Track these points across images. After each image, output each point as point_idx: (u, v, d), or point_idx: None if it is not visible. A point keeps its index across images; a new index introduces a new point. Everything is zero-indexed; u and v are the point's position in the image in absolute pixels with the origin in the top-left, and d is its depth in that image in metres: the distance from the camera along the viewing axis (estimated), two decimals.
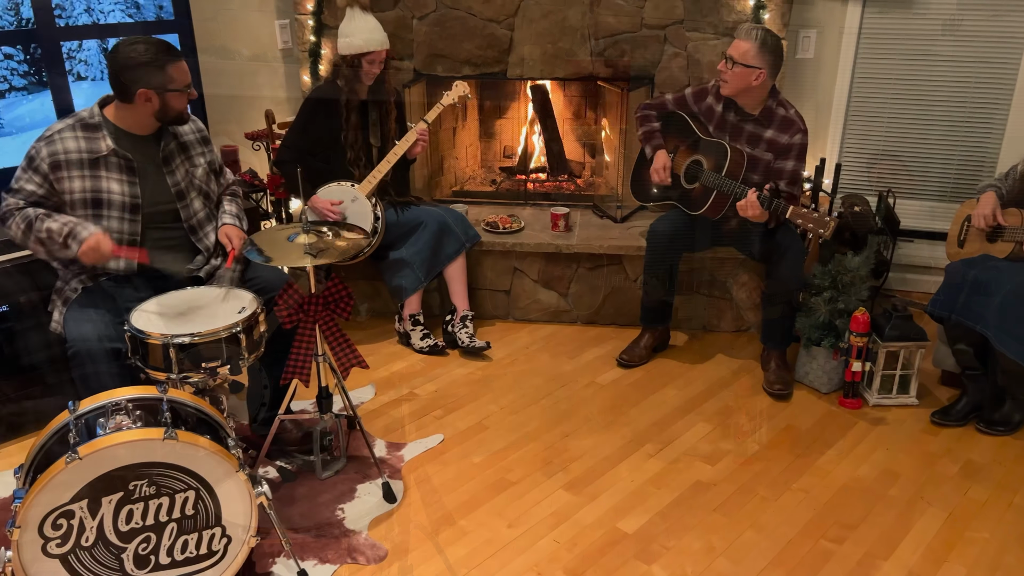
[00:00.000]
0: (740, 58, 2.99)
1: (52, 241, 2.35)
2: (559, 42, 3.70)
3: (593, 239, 3.64)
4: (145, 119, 2.41)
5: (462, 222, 3.56)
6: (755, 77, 3.01)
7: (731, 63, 3.01)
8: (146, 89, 2.34)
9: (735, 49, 3.00)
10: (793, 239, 3.03)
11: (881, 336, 3.00)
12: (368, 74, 3.31)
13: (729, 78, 3.05)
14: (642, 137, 3.40)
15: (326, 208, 3.33)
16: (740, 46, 2.98)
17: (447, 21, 3.73)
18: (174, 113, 2.42)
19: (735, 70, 3.01)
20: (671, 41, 3.65)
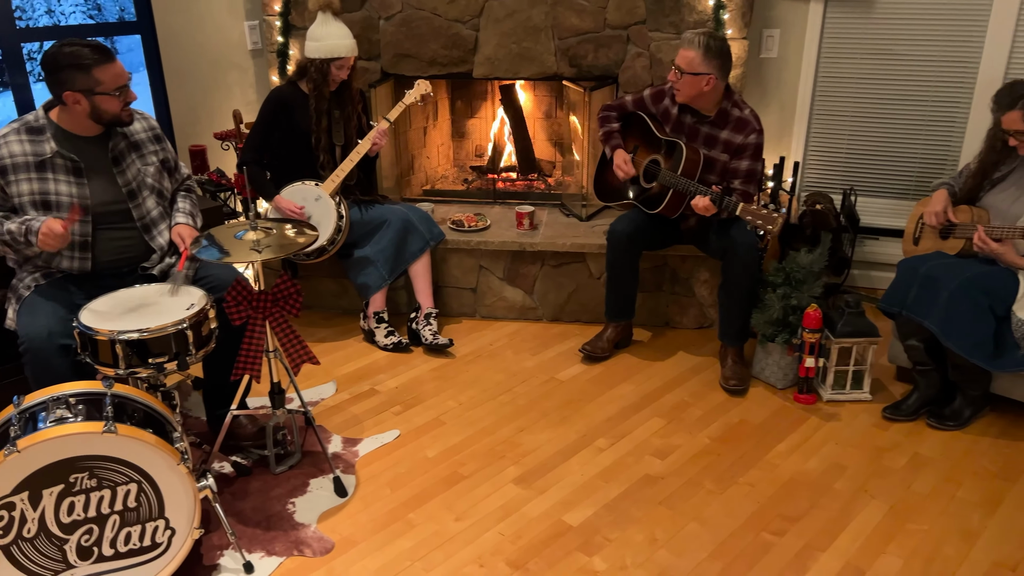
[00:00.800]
0: (687, 67, 3.02)
1: (16, 241, 2.39)
2: (523, 42, 3.74)
3: (557, 237, 3.68)
4: (83, 121, 2.44)
5: (426, 220, 3.60)
6: (705, 83, 3.05)
7: (680, 72, 3.04)
8: (72, 92, 2.36)
9: (681, 59, 3.03)
10: (746, 235, 3.07)
11: (834, 332, 3.04)
12: (335, 78, 3.35)
13: (680, 87, 3.08)
14: (602, 137, 3.43)
15: (290, 207, 3.37)
16: (685, 55, 3.01)
17: (413, 21, 3.77)
18: (107, 116, 2.43)
19: (684, 79, 3.04)
20: (634, 41, 3.69)
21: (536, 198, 4.18)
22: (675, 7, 3.59)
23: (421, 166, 4.36)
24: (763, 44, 3.87)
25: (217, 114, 3.92)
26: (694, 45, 2.98)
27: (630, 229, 3.26)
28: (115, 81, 2.40)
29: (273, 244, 2.40)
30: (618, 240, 3.27)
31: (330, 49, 3.29)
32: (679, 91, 3.09)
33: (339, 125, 3.50)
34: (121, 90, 2.42)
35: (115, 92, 2.41)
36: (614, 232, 3.29)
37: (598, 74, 3.76)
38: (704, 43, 2.99)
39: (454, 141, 4.58)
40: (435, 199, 4.21)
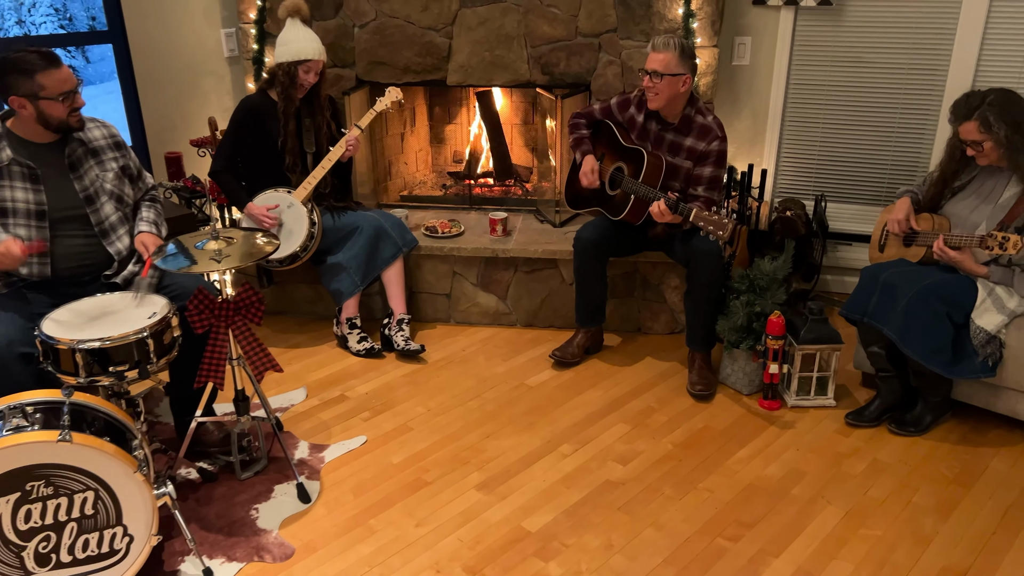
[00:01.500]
0: (665, 69, 3.05)
1: None
2: (496, 50, 3.77)
3: (530, 243, 3.71)
4: (34, 127, 2.47)
5: (399, 227, 3.63)
6: (682, 84, 3.09)
7: (657, 76, 3.06)
8: (17, 96, 2.39)
9: (656, 63, 3.05)
10: (708, 243, 3.10)
11: (797, 338, 3.07)
12: (304, 82, 3.38)
13: (659, 90, 3.10)
14: (572, 144, 3.47)
15: (261, 215, 3.40)
16: (661, 58, 3.04)
17: (387, 29, 3.80)
18: (54, 121, 2.46)
19: (664, 81, 3.06)
20: (605, 49, 3.72)
21: (513, 204, 4.21)
22: (646, 15, 3.62)
23: (399, 172, 4.39)
24: (735, 52, 3.90)
25: (194, 121, 3.96)
26: (670, 47, 3.02)
27: (595, 236, 3.29)
28: (59, 86, 2.43)
29: (234, 254, 2.43)
30: (584, 247, 3.30)
31: (296, 52, 3.33)
32: (657, 95, 3.11)
33: (310, 133, 3.53)
34: (66, 96, 2.44)
35: (60, 97, 2.43)
36: (580, 239, 3.32)
37: (571, 81, 3.80)
38: (679, 44, 3.03)
39: (432, 147, 4.62)
40: (412, 205, 4.25)
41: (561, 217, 3.91)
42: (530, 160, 4.53)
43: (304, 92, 3.42)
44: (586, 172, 3.33)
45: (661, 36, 3.06)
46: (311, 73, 3.37)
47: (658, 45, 3.04)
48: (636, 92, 3.33)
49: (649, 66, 3.07)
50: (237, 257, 2.40)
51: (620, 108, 3.37)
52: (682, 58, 3.05)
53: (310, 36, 3.37)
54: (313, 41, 3.37)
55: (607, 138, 3.41)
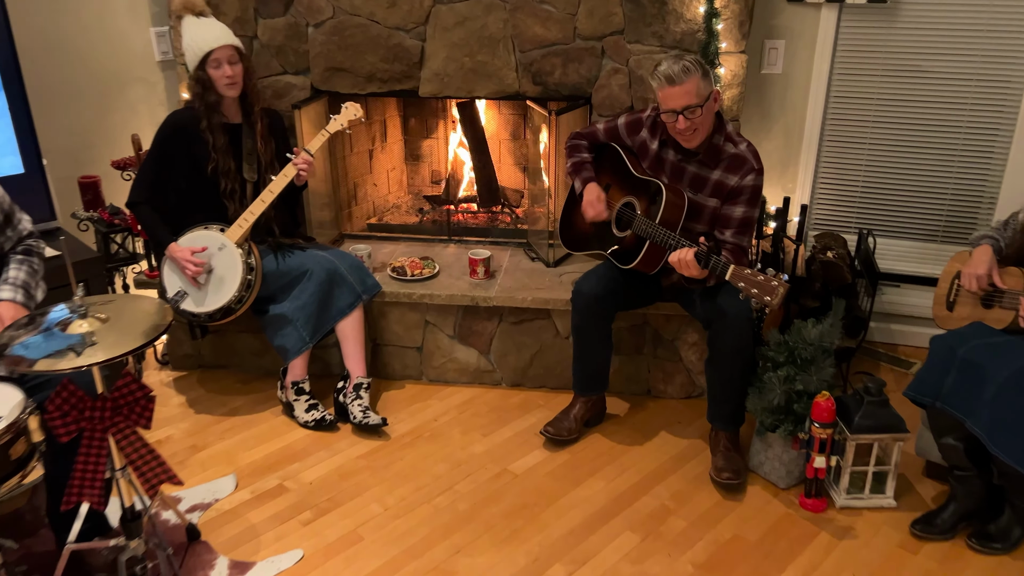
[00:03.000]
0: (699, 98, 2.42)
1: None
2: (478, 55, 3.12)
3: (517, 289, 3.07)
4: None
5: (358, 269, 3.00)
6: (716, 104, 2.49)
7: (693, 111, 2.43)
8: None
9: (685, 96, 2.41)
10: (737, 303, 2.47)
11: (850, 424, 2.43)
12: (221, 82, 2.74)
13: (699, 124, 2.47)
14: (570, 170, 2.84)
15: (185, 259, 2.77)
16: (689, 88, 2.40)
17: (346, 29, 3.16)
18: None
19: (702, 114, 2.43)
20: (610, 55, 3.07)
21: (499, 235, 3.58)
22: (659, 15, 2.97)
23: (367, 195, 3.76)
24: (765, 58, 3.25)
25: (118, 137, 3.32)
26: (691, 72, 2.40)
27: (599, 289, 2.65)
28: None
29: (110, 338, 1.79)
30: (586, 303, 2.67)
31: (196, 49, 2.73)
32: (696, 132, 2.48)
33: (251, 157, 2.89)
34: None
35: None
36: (581, 293, 2.68)
37: (567, 93, 3.16)
38: (695, 63, 2.41)
39: (407, 164, 3.98)
40: (381, 236, 3.61)
41: (556, 255, 3.28)
42: (520, 181, 3.89)
43: (233, 95, 2.78)
44: (591, 201, 2.69)
45: (668, 63, 2.42)
46: (223, 65, 2.73)
47: (676, 75, 2.39)
48: (649, 111, 2.69)
49: (676, 104, 2.42)
50: (111, 344, 1.76)
51: (629, 130, 2.73)
52: (705, 77, 2.43)
53: (206, 24, 2.76)
54: (211, 28, 2.75)
55: (613, 165, 2.77)
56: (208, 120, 2.78)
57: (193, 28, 2.75)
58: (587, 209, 2.71)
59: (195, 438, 2.87)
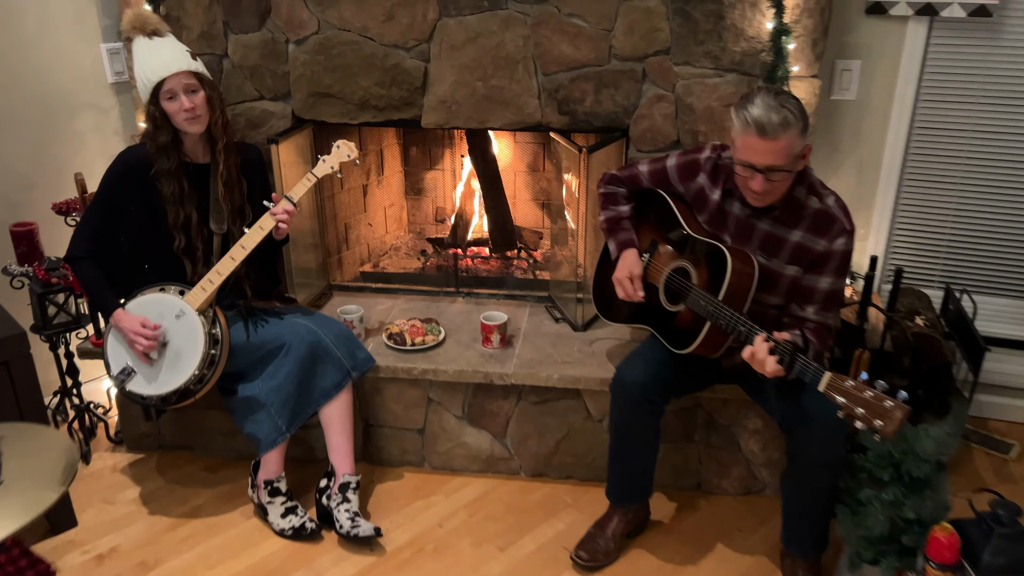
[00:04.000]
0: (787, 159, 1.88)
1: None
2: (493, 78, 2.59)
3: (539, 363, 2.53)
4: None
5: (346, 340, 2.47)
6: (804, 163, 1.94)
7: (778, 172, 1.89)
8: None
9: (776, 154, 1.86)
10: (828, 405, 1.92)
11: (976, 562, 1.89)
12: (180, 119, 2.22)
13: (777, 188, 1.94)
14: (604, 225, 2.30)
15: (134, 331, 2.24)
16: (784, 145, 1.85)
17: (335, 47, 2.62)
18: None
19: (778, 178, 1.90)
20: (653, 78, 2.54)
21: (515, 285, 3.04)
22: (714, 32, 2.44)
23: (360, 237, 3.22)
24: (836, 81, 2.71)
25: (62, 175, 2.78)
26: (790, 124, 1.84)
27: (647, 377, 2.11)
28: None
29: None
30: (629, 395, 2.12)
31: (145, 78, 2.23)
32: (769, 195, 1.94)
33: (218, 205, 2.36)
34: None
35: None
36: (623, 383, 2.14)
37: (600, 124, 2.62)
38: (796, 110, 1.86)
39: (407, 199, 3.44)
40: (377, 287, 3.07)
41: (586, 314, 2.74)
42: (538, 219, 3.36)
43: (195, 131, 2.25)
44: (621, 278, 2.16)
45: (763, 104, 1.83)
46: (180, 96, 2.20)
47: (771, 128, 1.82)
48: (708, 151, 2.16)
49: (760, 160, 1.88)
50: None
51: (682, 174, 2.20)
52: (803, 132, 1.89)
53: (157, 47, 2.24)
54: (161, 52, 2.23)
55: (661, 218, 2.24)
56: (159, 163, 2.25)
57: (142, 53, 2.23)
58: (619, 287, 2.18)
59: (146, 551, 2.34)
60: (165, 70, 2.18)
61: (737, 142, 1.91)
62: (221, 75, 2.69)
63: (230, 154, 2.36)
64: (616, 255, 2.22)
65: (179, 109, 2.21)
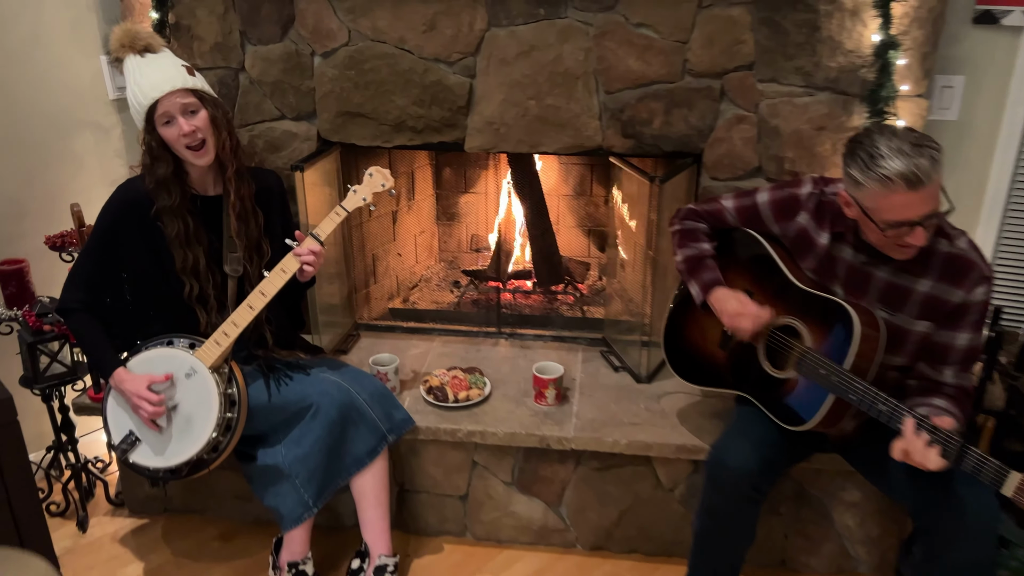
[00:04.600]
0: (937, 201, 1.57)
1: None
2: (548, 97, 2.27)
3: (603, 425, 2.21)
4: None
5: (382, 398, 2.15)
6: None
7: (930, 219, 1.57)
8: None
9: (928, 202, 1.55)
10: (978, 486, 1.60)
11: None
12: (180, 146, 1.91)
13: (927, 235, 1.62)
14: (683, 265, 1.97)
15: (138, 395, 1.92)
16: (932, 192, 1.54)
17: (367, 61, 2.30)
18: None
19: (933, 222, 1.59)
20: (732, 97, 2.22)
21: (563, 325, 2.72)
22: (807, 44, 2.12)
23: (389, 269, 2.90)
24: (936, 99, 2.38)
25: (56, 205, 2.47)
26: (937, 161, 1.54)
27: (755, 463, 1.77)
28: None
29: None
30: (734, 485, 1.78)
31: (137, 103, 1.92)
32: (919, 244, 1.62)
33: (232, 243, 2.05)
34: None
35: None
36: (725, 469, 1.79)
37: (670, 149, 2.30)
38: (933, 143, 1.55)
39: (439, 225, 3.12)
40: (407, 325, 2.75)
41: (651, 362, 2.41)
42: (583, 247, 3.04)
43: (203, 162, 1.94)
44: (742, 313, 1.82)
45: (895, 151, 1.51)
46: (177, 120, 1.89)
47: (924, 172, 1.50)
48: (810, 186, 1.84)
49: (916, 213, 1.55)
50: None
51: (779, 212, 1.88)
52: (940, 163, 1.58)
53: (147, 65, 1.92)
54: (151, 70, 1.91)
55: (752, 262, 1.93)
56: (161, 201, 1.94)
57: (133, 74, 1.92)
58: (738, 323, 1.83)
59: None
60: (156, 91, 1.87)
61: (875, 204, 1.58)
62: (237, 92, 2.38)
63: (242, 182, 2.04)
64: (703, 298, 1.90)
65: (178, 135, 1.89)
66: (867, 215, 1.61)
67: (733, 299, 1.84)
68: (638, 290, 2.47)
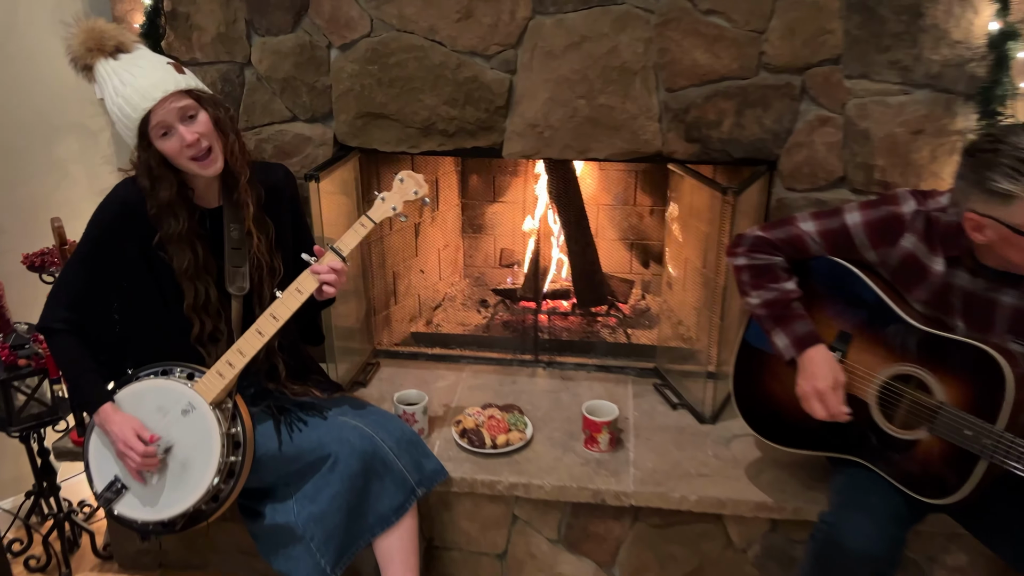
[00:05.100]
0: None
1: None
2: (600, 95, 1.97)
3: (667, 478, 1.90)
4: None
5: (411, 447, 1.85)
6: None
7: None
8: None
9: None
10: None
11: None
12: (184, 159, 1.62)
13: None
14: (762, 311, 1.66)
15: (126, 442, 1.63)
16: None
17: (392, 54, 2.00)
18: None
19: None
20: (815, 95, 1.92)
21: (607, 352, 2.42)
22: (906, 34, 1.81)
23: (410, 288, 2.61)
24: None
25: (36, 218, 2.17)
26: None
27: (881, 546, 1.44)
28: None
29: None
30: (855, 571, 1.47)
31: (124, 116, 1.61)
32: None
33: (240, 256, 1.75)
34: None
35: None
36: (845, 553, 1.45)
37: (740, 155, 2.00)
38: None
39: (465, 239, 2.83)
40: (431, 352, 2.45)
41: (715, 398, 2.11)
42: (625, 263, 2.74)
43: (211, 172, 1.65)
44: (821, 392, 1.54)
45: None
46: (176, 128, 1.59)
47: None
48: (912, 203, 1.54)
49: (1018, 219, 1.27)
50: None
51: (876, 235, 1.57)
52: None
53: (132, 67, 1.60)
54: (139, 73, 1.59)
55: (843, 295, 1.62)
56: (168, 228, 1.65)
57: (111, 82, 1.61)
58: (811, 402, 1.55)
59: None
60: (146, 100, 1.57)
61: None
62: (242, 90, 2.09)
63: (253, 188, 1.75)
64: (792, 355, 1.59)
65: (180, 147, 1.60)
66: (1018, 233, 1.31)
67: (828, 370, 1.55)
68: (689, 312, 2.18)
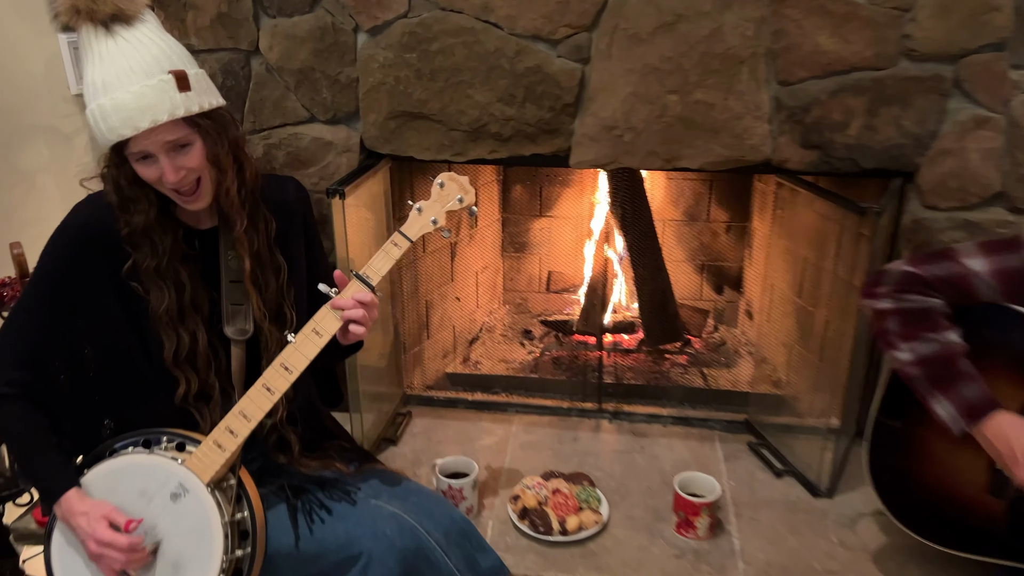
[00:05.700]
0: None
1: None
2: (697, 89, 1.57)
3: (785, 568, 1.50)
4: None
5: (462, 539, 1.45)
6: None
7: None
8: None
9: None
10: None
11: None
12: (162, 187, 1.23)
13: None
14: (918, 370, 1.26)
15: (100, 540, 1.23)
16: None
17: (435, 39, 1.61)
18: None
19: None
20: (970, 89, 1.52)
21: (684, 398, 2.02)
22: None
23: (445, 319, 2.21)
24: None
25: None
26: None
27: None
28: None
29: None
30: None
31: (99, 130, 1.19)
32: None
33: (239, 291, 1.36)
34: None
35: None
36: None
37: (870, 165, 1.60)
38: None
39: (505, 259, 2.43)
40: (471, 399, 2.06)
41: (827, 470, 1.70)
42: (695, 288, 2.34)
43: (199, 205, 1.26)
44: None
45: None
46: (159, 158, 1.20)
47: None
48: None
49: None
50: None
51: None
52: None
53: (122, 66, 1.18)
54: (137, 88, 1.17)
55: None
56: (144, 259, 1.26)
57: (93, 69, 1.19)
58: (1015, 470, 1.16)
59: None
60: (127, 127, 1.17)
61: None
62: (248, 84, 1.69)
63: (257, 214, 1.35)
64: (966, 426, 1.20)
65: (158, 177, 1.21)
66: None
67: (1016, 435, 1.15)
68: (775, 348, 1.79)
